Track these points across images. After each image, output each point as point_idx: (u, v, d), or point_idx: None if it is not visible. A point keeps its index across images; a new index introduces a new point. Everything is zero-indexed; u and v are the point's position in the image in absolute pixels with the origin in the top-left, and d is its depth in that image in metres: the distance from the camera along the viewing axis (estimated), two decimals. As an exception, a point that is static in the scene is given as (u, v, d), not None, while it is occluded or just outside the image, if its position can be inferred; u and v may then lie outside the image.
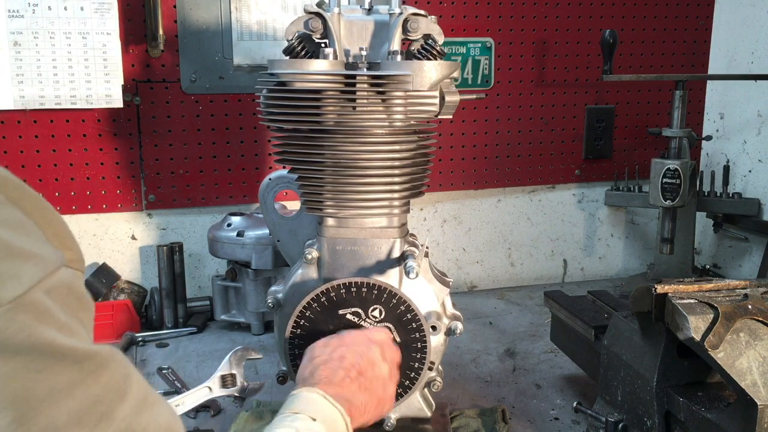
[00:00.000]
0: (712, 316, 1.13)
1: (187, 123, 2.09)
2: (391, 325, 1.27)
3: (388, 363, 1.16)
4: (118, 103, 1.97)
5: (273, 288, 1.38)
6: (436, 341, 1.32)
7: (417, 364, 1.28)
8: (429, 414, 1.37)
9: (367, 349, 1.13)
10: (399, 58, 1.25)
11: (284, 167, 1.39)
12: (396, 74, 1.22)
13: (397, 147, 1.27)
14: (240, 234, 1.93)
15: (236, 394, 1.33)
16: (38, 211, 0.54)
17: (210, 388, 1.31)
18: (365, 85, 1.23)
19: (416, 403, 1.36)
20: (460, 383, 1.72)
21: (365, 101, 1.23)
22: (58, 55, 1.90)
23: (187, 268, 2.14)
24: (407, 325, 1.27)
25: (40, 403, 0.49)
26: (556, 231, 2.52)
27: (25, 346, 0.48)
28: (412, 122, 1.28)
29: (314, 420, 0.94)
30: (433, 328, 1.30)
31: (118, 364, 0.57)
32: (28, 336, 0.48)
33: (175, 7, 2.03)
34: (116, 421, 0.54)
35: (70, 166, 2.01)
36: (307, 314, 1.27)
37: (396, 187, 1.29)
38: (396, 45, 1.27)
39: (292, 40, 1.31)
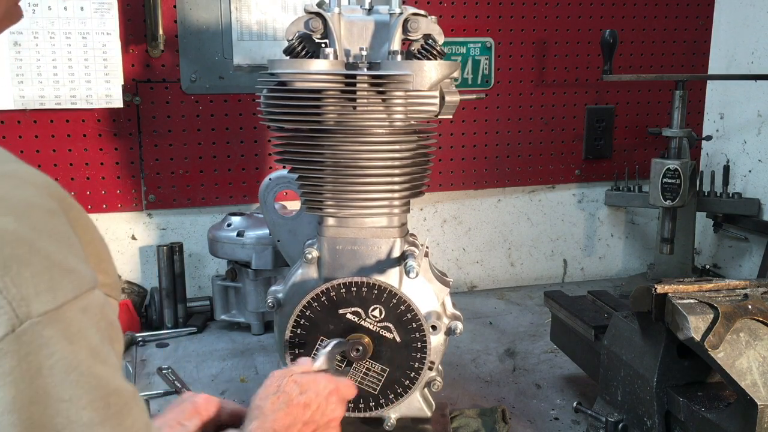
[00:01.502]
0: (712, 316, 1.13)
1: (187, 123, 2.09)
2: (391, 325, 1.27)
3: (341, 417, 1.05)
4: (118, 103, 1.97)
5: (273, 288, 1.38)
6: (436, 341, 1.32)
7: (417, 363, 1.28)
8: (429, 414, 1.38)
9: (330, 403, 1.02)
10: (399, 58, 1.25)
11: (284, 167, 1.39)
12: (396, 74, 1.22)
13: (397, 147, 1.27)
14: (240, 234, 1.93)
15: None
16: (81, 227, 0.52)
17: None
18: (365, 85, 1.23)
19: (416, 403, 1.36)
20: (460, 383, 1.72)
21: (365, 101, 1.23)
22: (58, 55, 1.90)
23: (187, 268, 2.14)
24: (407, 325, 1.27)
25: None
26: (556, 231, 2.52)
27: (48, 366, 0.45)
28: (412, 122, 1.28)
29: None
30: (433, 327, 1.31)
31: (141, 408, 0.53)
32: (52, 354, 0.45)
33: (175, 7, 2.03)
34: None
35: (70, 166, 2.01)
36: (307, 314, 1.27)
37: (396, 187, 1.29)
38: (396, 45, 1.27)
39: (292, 40, 1.31)
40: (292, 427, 0.94)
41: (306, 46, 1.31)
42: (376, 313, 1.27)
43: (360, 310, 1.27)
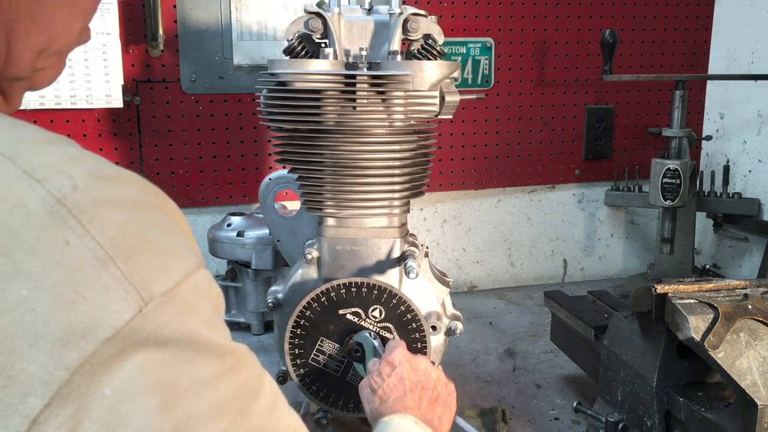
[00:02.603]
0: (712, 316, 1.13)
1: (187, 123, 2.09)
2: (391, 325, 1.27)
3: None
4: (118, 103, 1.97)
5: (273, 288, 1.38)
6: (436, 341, 1.32)
7: (417, 364, 1.28)
8: (429, 414, 1.37)
9: (415, 361, 1.13)
10: (399, 58, 1.25)
11: (284, 167, 1.39)
12: (396, 74, 1.22)
13: (397, 147, 1.27)
14: (240, 234, 1.93)
15: None
16: (177, 216, 0.58)
17: None
18: (365, 85, 1.23)
19: (416, 403, 1.35)
20: (460, 383, 1.72)
21: (365, 101, 1.23)
22: (58, 55, 1.90)
23: (187, 268, 2.13)
24: (407, 325, 1.27)
25: (184, 392, 0.51)
26: (556, 231, 2.52)
27: (173, 338, 0.51)
28: (412, 122, 1.28)
29: None
30: (433, 328, 1.31)
31: (254, 362, 0.60)
32: (176, 328, 0.51)
33: (175, 7, 2.03)
34: (252, 417, 0.56)
35: (70, 166, 2.00)
36: (307, 314, 1.27)
37: (396, 187, 1.29)
38: (396, 45, 1.27)
39: (292, 40, 1.31)
40: (414, 399, 1.06)
41: (306, 46, 1.31)
42: (376, 313, 1.27)
43: (360, 310, 1.27)
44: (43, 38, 0.63)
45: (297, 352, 1.29)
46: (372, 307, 1.27)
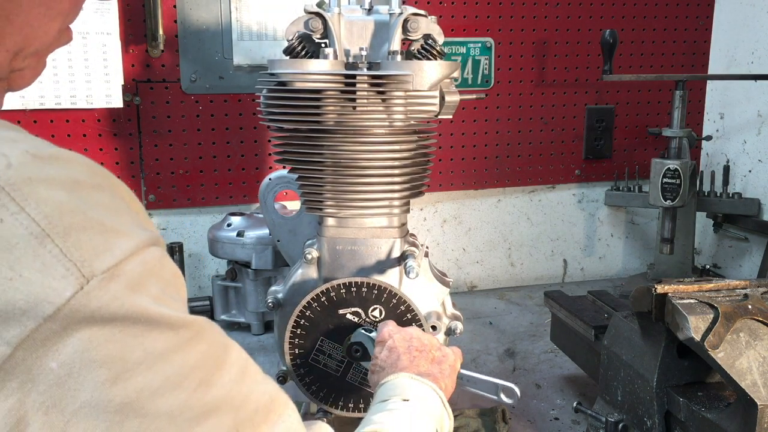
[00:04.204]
0: (712, 316, 1.13)
1: (187, 123, 2.09)
2: (391, 325, 1.27)
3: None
4: (118, 103, 1.97)
5: (273, 288, 1.38)
6: (436, 341, 1.31)
7: (417, 364, 1.28)
8: (429, 414, 1.37)
9: (405, 331, 1.12)
10: (399, 58, 1.25)
11: (284, 167, 1.39)
12: (396, 74, 1.22)
13: (397, 147, 1.27)
14: (240, 234, 1.93)
15: None
16: (127, 196, 0.58)
17: None
18: (365, 85, 1.23)
19: (416, 403, 1.35)
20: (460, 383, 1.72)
21: (365, 101, 1.23)
22: (58, 55, 1.90)
23: (187, 268, 2.14)
24: (407, 325, 1.27)
25: (136, 365, 0.51)
26: (556, 231, 2.52)
27: (120, 314, 0.51)
28: (412, 122, 1.28)
29: (406, 400, 0.94)
30: (433, 328, 1.31)
31: (215, 333, 0.59)
32: (121, 304, 0.51)
33: (175, 7, 2.03)
34: (215, 387, 0.56)
35: (70, 166, 2.00)
36: (307, 314, 1.27)
37: (396, 187, 1.29)
38: (396, 45, 1.27)
39: (292, 40, 1.31)
40: (409, 360, 1.05)
41: (306, 46, 1.31)
42: (376, 313, 1.27)
43: (360, 310, 1.27)
44: (18, 39, 0.63)
45: (297, 352, 1.29)
46: (372, 307, 1.27)
